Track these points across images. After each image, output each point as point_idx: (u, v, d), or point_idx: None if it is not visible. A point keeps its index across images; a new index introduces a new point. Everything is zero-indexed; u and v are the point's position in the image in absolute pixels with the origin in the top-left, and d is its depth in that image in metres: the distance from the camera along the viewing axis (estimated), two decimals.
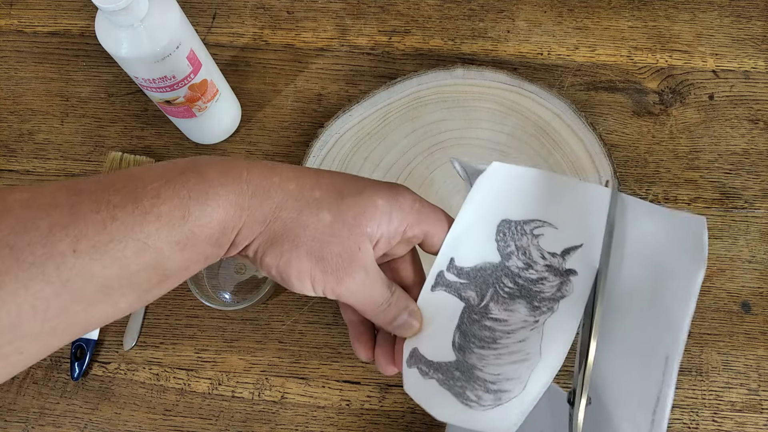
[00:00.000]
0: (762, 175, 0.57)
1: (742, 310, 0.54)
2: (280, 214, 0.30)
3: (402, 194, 0.32)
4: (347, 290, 0.31)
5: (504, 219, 0.35)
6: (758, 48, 0.61)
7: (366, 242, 0.31)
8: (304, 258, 0.30)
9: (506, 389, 0.33)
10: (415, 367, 0.34)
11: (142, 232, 0.26)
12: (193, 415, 0.52)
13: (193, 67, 0.49)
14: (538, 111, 0.58)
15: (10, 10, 0.65)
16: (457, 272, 0.35)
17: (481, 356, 0.34)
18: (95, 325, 0.27)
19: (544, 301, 0.34)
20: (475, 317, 0.35)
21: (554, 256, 0.35)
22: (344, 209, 0.30)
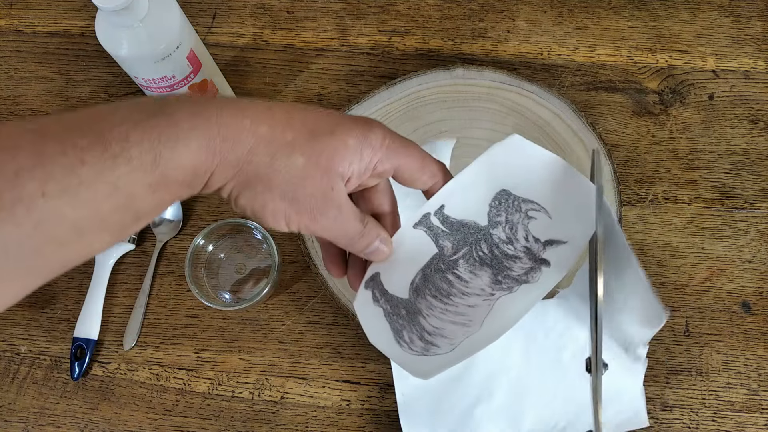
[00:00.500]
0: (762, 175, 0.57)
1: (742, 310, 0.54)
2: (252, 158, 0.30)
3: (373, 130, 0.33)
4: (321, 228, 0.33)
5: (505, 189, 0.36)
6: (758, 48, 0.61)
7: (338, 181, 0.32)
8: (278, 200, 0.31)
9: (437, 344, 0.34)
10: (371, 291, 0.36)
11: (113, 176, 0.26)
12: (193, 415, 0.52)
13: (193, 67, 0.49)
14: (538, 111, 0.58)
15: (10, 10, 0.65)
16: (442, 219, 0.36)
17: (431, 305, 0.35)
18: (71, 264, 0.27)
19: (508, 278, 0.35)
20: (442, 267, 0.36)
21: (537, 242, 0.35)
22: (317, 151, 0.31)
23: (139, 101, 0.29)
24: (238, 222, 0.52)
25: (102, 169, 0.26)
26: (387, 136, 0.33)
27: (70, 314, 0.55)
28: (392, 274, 0.36)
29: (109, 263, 0.55)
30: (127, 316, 0.55)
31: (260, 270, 0.55)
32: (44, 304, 0.55)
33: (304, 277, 0.55)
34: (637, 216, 0.56)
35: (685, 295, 0.54)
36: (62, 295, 0.56)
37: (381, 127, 0.33)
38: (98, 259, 0.55)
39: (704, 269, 0.55)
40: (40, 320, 0.55)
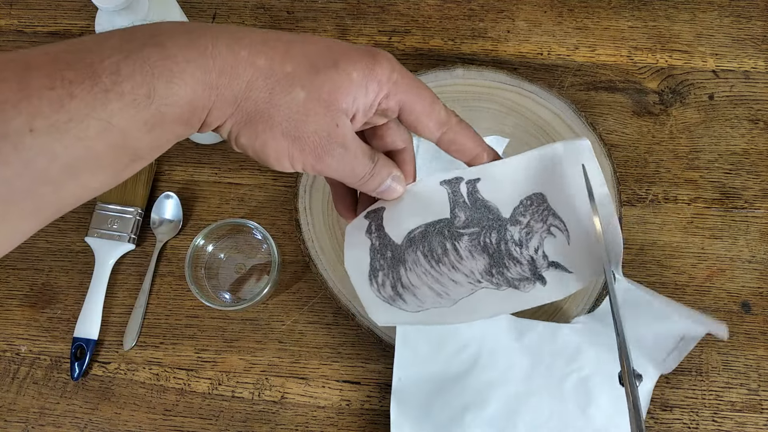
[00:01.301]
0: (762, 175, 0.57)
1: (742, 310, 0.54)
2: (250, 94, 0.28)
3: (380, 63, 0.31)
4: (327, 167, 0.31)
5: (542, 194, 0.34)
6: (758, 48, 0.61)
7: (343, 118, 0.30)
8: (281, 138, 0.29)
9: (405, 300, 0.34)
10: (369, 221, 0.35)
11: (105, 111, 0.24)
12: (193, 415, 0.52)
13: None
14: (538, 111, 0.58)
15: (10, 10, 0.65)
16: (470, 191, 0.35)
17: (417, 261, 0.35)
18: (69, 206, 0.26)
19: (500, 276, 0.35)
20: (446, 233, 0.35)
21: (545, 258, 0.35)
22: (318, 85, 0.29)
23: (129, 29, 0.27)
24: (238, 222, 0.52)
25: (93, 104, 0.24)
26: (395, 71, 0.31)
27: (70, 314, 0.55)
28: (395, 215, 0.35)
29: (109, 263, 0.55)
30: (127, 316, 0.55)
31: (260, 270, 0.55)
32: (44, 304, 0.55)
33: (304, 277, 0.55)
34: (637, 216, 0.56)
35: (685, 295, 0.54)
36: (62, 295, 0.56)
37: (388, 59, 0.31)
38: (98, 259, 0.55)
39: (704, 269, 0.55)
40: (40, 320, 0.55)
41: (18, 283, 0.56)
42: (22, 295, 0.56)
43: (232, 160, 0.59)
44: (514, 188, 0.35)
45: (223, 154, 0.59)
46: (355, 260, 0.35)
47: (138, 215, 0.56)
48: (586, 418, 0.48)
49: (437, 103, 0.33)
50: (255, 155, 0.30)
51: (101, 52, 0.25)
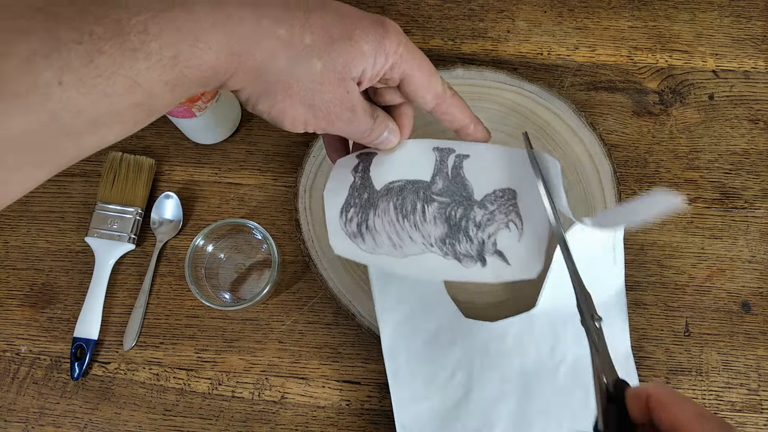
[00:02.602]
0: (762, 175, 0.57)
1: (742, 310, 0.54)
2: (271, 64, 0.29)
3: (389, 36, 0.33)
4: (337, 129, 0.34)
5: (514, 190, 0.38)
6: (758, 48, 0.61)
7: (352, 85, 0.33)
8: (299, 106, 0.31)
9: (365, 239, 0.38)
10: (359, 160, 0.38)
11: (132, 69, 0.25)
12: (193, 415, 0.52)
13: None
14: (538, 111, 0.58)
15: None
16: (456, 164, 0.38)
17: (387, 210, 0.38)
18: (83, 155, 0.27)
19: (450, 246, 0.38)
20: (421, 193, 0.39)
21: (493, 245, 0.38)
22: (334, 56, 0.31)
23: None
24: (238, 222, 0.52)
25: (121, 61, 0.24)
26: (401, 44, 0.34)
27: (70, 314, 0.55)
28: (383, 164, 0.38)
29: (109, 263, 0.55)
30: (127, 316, 0.55)
31: (260, 270, 0.55)
32: (44, 304, 0.55)
33: (304, 277, 0.55)
34: None
35: (685, 295, 0.54)
36: (62, 295, 0.56)
37: (396, 32, 0.34)
38: (98, 258, 0.55)
39: (704, 269, 0.55)
40: (40, 320, 0.55)
41: (18, 283, 0.56)
42: (22, 295, 0.56)
43: (232, 160, 0.59)
44: (494, 176, 0.39)
45: (222, 154, 0.59)
46: (335, 190, 0.39)
47: (138, 215, 0.56)
48: (589, 407, 0.48)
49: (435, 75, 0.36)
50: (271, 119, 0.32)
51: (128, 7, 0.25)
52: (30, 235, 0.57)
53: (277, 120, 0.32)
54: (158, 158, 0.59)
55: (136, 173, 0.57)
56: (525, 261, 0.39)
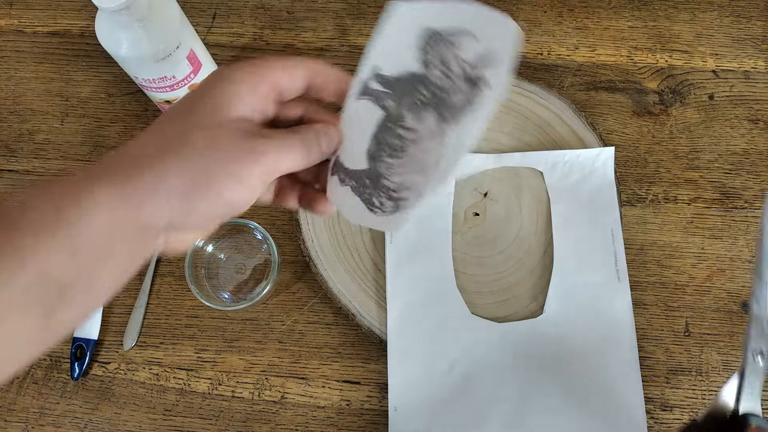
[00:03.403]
0: (762, 175, 0.57)
1: (742, 310, 0.54)
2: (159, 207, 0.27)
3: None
4: (277, 164, 0.30)
5: (428, 27, 0.35)
6: (758, 48, 0.61)
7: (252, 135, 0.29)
8: (231, 185, 0.28)
9: (405, 197, 0.35)
10: (336, 175, 0.36)
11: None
12: (193, 415, 0.52)
13: (193, 67, 0.49)
14: (538, 111, 0.58)
15: (10, 10, 0.65)
16: (381, 81, 0.36)
17: (389, 165, 0.36)
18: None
19: (452, 111, 0.35)
20: (390, 125, 0.36)
21: (472, 66, 0.35)
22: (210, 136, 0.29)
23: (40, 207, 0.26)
24: (238, 222, 0.52)
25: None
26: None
27: None
28: (348, 151, 0.36)
29: None
30: (127, 316, 0.55)
31: (260, 270, 0.55)
32: None
33: (304, 277, 0.55)
34: (637, 216, 0.56)
35: (685, 295, 0.54)
36: None
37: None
38: None
39: (704, 269, 0.55)
40: None
41: None
42: None
43: None
44: (408, 45, 0.36)
45: None
46: (352, 209, 0.36)
47: None
48: (586, 424, 0.49)
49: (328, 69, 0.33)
50: (224, 213, 0.29)
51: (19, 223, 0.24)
52: None
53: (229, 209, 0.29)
54: None
55: None
56: (497, 39, 0.35)
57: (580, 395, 0.49)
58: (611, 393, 0.49)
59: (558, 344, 0.51)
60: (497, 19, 0.34)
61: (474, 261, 0.54)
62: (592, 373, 0.50)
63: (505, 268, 0.54)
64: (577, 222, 0.54)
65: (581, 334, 0.51)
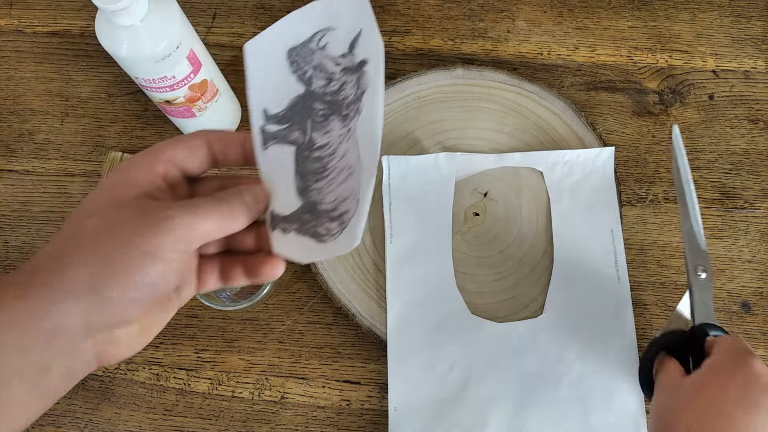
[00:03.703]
0: (762, 175, 0.57)
1: (742, 310, 0.54)
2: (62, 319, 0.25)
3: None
4: (192, 236, 0.28)
5: (288, 48, 0.35)
6: (758, 48, 0.61)
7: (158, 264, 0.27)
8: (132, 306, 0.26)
9: (345, 210, 0.33)
10: (277, 228, 0.34)
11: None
12: (193, 415, 0.52)
13: (193, 67, 0.49)
14: (538, 111, 0.58)
15: (10, 10, 0.65)
16: (276, 120, 0.35)
17: (319, 190, 0.34)
18: None
19: (350, 105, 0.34)
20: (305, 154, 0.35)
21: (345, 56, 0.34)
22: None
23: None
24: None
25: None
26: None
27: None
28: (280, 199, 0.35)
29: None
30: None
31: None
32: None
33: (304, 277, 0.55)
34: (637, 216, 0.56)
35: None
36: None
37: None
38: None
39: None
40: None
41: None
42: None
43: None
44: (279, 77, 0.35)
45: None
46: (305, 251, 0.34)
47: None
48: (586, 427, 0.49)
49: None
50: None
51: None
52: (30, 235, 0.57)
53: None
54: None
55: None
56: (350, 14, 0.34)
57: (579, 395, 0.49)
58: (611, 393, 0.49)
59: (558, 344, 0.51)
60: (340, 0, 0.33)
61: (474, 261, 0.54)
62: (591, 373, 0.50)
63: (505, 268, 0.54)
64: (577, 222, 0.54)
65: (581, 334, 0.51)
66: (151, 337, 0.29)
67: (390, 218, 0.54)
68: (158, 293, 0.27)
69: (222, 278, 0.33)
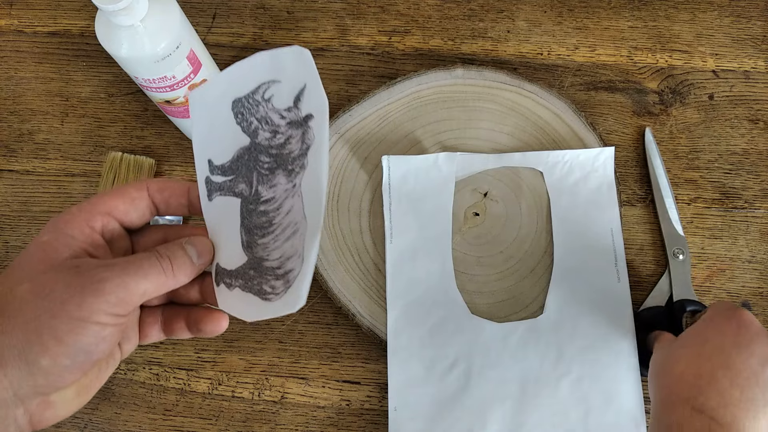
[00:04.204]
0: (762, 175, 0.57)
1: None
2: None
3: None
4: (137, 291, 0.27)
5: (234, 99, 0.34)
6: (758, 48, 0.61)
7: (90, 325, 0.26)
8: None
9: (290, 268, 0.33)
10: (221, 283, 0.34)
11: None
12: (193, 415, 0.52)
13: (193, 67, 0.49)
14: (538, 111, 0.58)
15: (10, 10, 0.65)
16: (221, 171, 0.35)
17: (265, 245, 0.34)
18: None
19: (295, 161, 0.33)
20: (251, 207, 0.34)
21: (290, 110, 0.34)
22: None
23: None
24: None
25: None
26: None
27: None
28: (225, 252, 0.34)
29: None
30: None
31: None
32: None
33: None
34: (637, 216, 0.56)
35: None
36: None
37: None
38: None
39: (704, 269, 0.55)
40: None
41: None
42: None
43: None
44: (223, 128, 0.34)
45: None
46: (250, 308, 0.33)
47: None
48: (586, 427, 0.49)
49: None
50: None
51: None
52: (30, 235, 0.57)
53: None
54: (158, 158, 0.59)
55: (136, 173, 0.57)
56: (295, 69, 0.34)
57: (579, 395, 0.49)
58: (610, 393, 0.49)
59: (557, 344, 0.51)
60: (285, 53, 0.33)
61: (474, 261, 0.54)
62: (591, 373, 0.50)
63: (505, 268, 0.54)
64: (577, 222, 0.54)
65: (581, 334, 0.51)
66: (91, 395, 0.28)
67: (390, 218, 0.54)
68: (93, 357, 0.26)
69: (165, 330, 0.32)
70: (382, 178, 0.55)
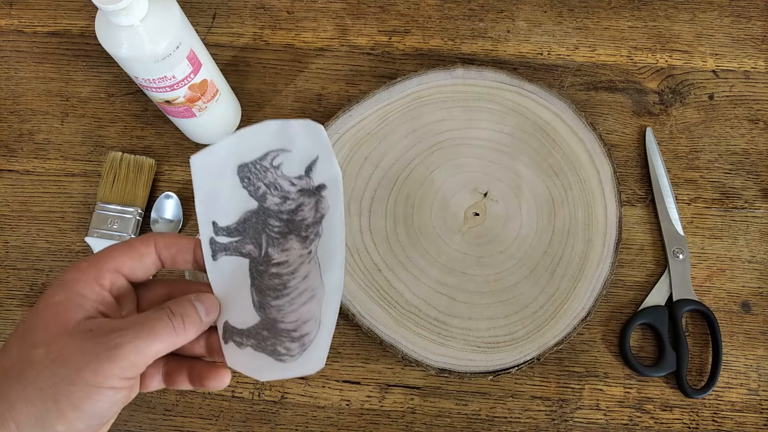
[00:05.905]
0: (762, 175, 0.57)
1: (742, 310, 0.54)
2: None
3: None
4: (149, 351, 0.28)
5: (240, 164, 0.35)
6: (758, 48, 0.61)
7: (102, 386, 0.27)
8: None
9: (306, 332, 0.34)
10: (231, 341, 0.34)
11: None
12: (193, 415, 0.52)
13: (193, 67, 0.49)
14: (538, 111, 0.58)
15: (10, 10, 0.65)
16: (227, 232, 0.35)
17: (279, 308, 0.34)
18: None
19: (309, 228, 0.34)
20: (262, 268, 0.35)
21: (301, 178, 0.34)
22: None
23: None
24: None
25: None
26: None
27: None
28: (234, 311, 0.35)
29: None
30: None
31: None
32: None
33: None
34: (637, 216, 0.56)
35: None
36: None
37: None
38: None
39: (704, 269, 0.55)
40: None
41: (18, 283, 0.56)
42: (22, 295, 0.56)
43: None
44: (228, 192, 0.35)
45: None
46: (263, 368, 0.34)
47: (138, 215, 0.56)
48: None
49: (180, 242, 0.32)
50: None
51: None
52: (30, 235, 0.57)
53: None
54: (158, 158, 0.59)
55: (136, 173, 0.57)
56: (308, 140, 0.34)
57: None
58: None
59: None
60: (296, 126, 0.33)
61: (474, 261, 0.54)
62: None
63: (505, 268, 0.54)
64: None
65: None
66: None
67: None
68: (105, 420, 0.27)
69: (166, 381, 0.33)
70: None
